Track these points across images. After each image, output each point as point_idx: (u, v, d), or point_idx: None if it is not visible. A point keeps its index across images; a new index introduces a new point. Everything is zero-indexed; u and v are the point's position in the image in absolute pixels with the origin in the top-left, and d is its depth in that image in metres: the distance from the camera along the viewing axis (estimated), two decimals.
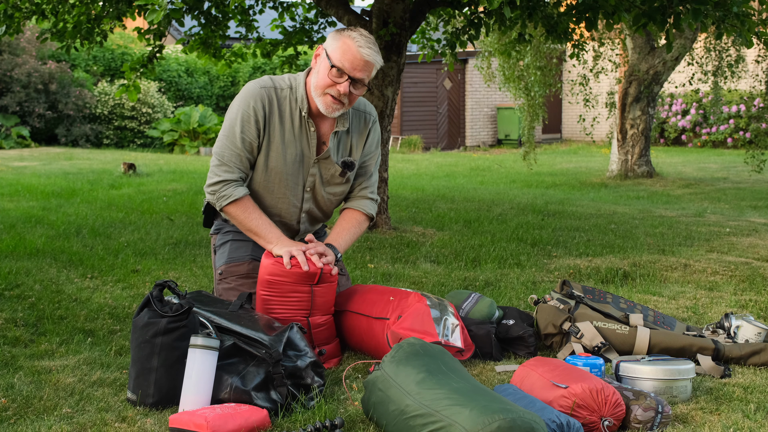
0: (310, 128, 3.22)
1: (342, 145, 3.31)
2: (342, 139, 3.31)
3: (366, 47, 3.07)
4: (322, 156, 3.26)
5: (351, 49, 3.07)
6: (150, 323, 2.74)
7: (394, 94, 6.28)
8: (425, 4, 6.27)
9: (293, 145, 3.22)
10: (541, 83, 11.30)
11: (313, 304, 3.12)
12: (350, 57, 3.07)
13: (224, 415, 2.46)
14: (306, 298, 3.10)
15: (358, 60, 3.07)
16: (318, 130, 3.26)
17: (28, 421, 2.58)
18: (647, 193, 10.62)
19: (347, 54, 3.07)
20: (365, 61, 3.08)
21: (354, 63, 3.08)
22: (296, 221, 3.35)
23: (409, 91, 19.67)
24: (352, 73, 3.09)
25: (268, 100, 3.19)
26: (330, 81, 3.10)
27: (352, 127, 3.33)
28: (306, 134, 3.23)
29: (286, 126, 3.21)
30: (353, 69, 3.08)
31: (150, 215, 7.25)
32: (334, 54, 3.09)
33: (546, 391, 2.60)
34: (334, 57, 3.09)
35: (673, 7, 5.13)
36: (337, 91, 3.10)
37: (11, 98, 16.60)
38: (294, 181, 3.26)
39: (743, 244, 5.85)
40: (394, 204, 8.09)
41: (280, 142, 3.21)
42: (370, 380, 2.59)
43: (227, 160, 3.18)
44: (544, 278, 4.76)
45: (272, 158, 3.22)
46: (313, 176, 3.28)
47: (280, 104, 3.21)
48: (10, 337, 3.49)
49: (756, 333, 3.36)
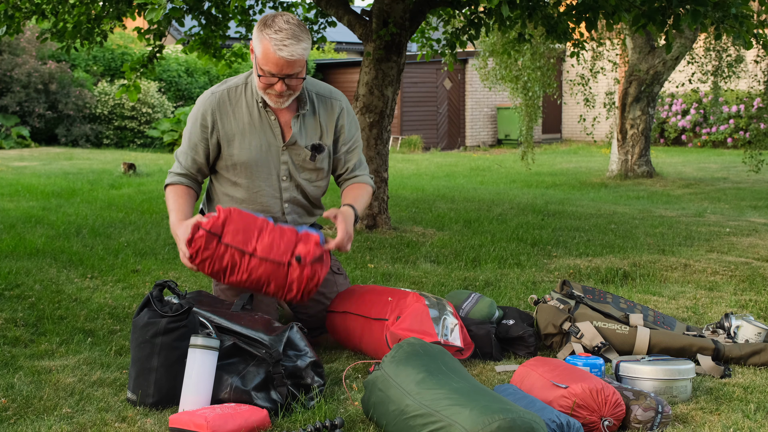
0: (270, 117, 3.25)
1: (308, 129, 3.31)
2: (308, 123, 3.30)
3: (284, 47, 3.01)
4: (289, 142, 3.28)
5: (270, 54, 3.03)
6: (150, 323, 2.74)
7: (394, 94, 6.27)
8: (425, 4, 6.27)
9: (256, 135, 3.25)
10: (540, 83, 11.29)
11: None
12: (273, 61, 3.04)
13: (224, 415, 2.46)
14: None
15: (281, 62, 3.04)
16: (279, 117, 3.27)
17: (28, 421, 2.58)
18: (647, 193, 10.61)
19: (269, 59, 3.04)
20: (288, 61, 3.04)
21: (278, 65, 3.05)
22: (280, 212, 3.35)
23: (409, 91, 19.67)
24: (281, 74, 3.07)
25: (217, 103, 3.24)
26: (264, 84, 3.12)
27: (318, 111, 3.32)
28: (267, 122, 3.26)
29: (244, 119, 3.25)
30: (280, 70, 3.06)
31: (150, 215, 7.25)
32: (260, 59, 3.07)
33: (546, 391, 2.60)
34: (259, 62, 3.08)
35: (673, 7, 5.13)
36: (274, 90, 3.12)
37: (11, 98, 16.59)
38: (266, 171, 3.29)
39: (743, 244, 5.85)
40: (394, 204, 8.09)
41: (240, 136, 3.25)
42: (370, 380, 2.59)
43: (178, 156, 3.33)
44: (544, 278, 4.76)
45: (236, 154, 3.26)
46: (286, 164, 3.30)
47: (233, 102, 3.25)
48: (10, 337, 3.49)
49: (756, 333, 3.36)
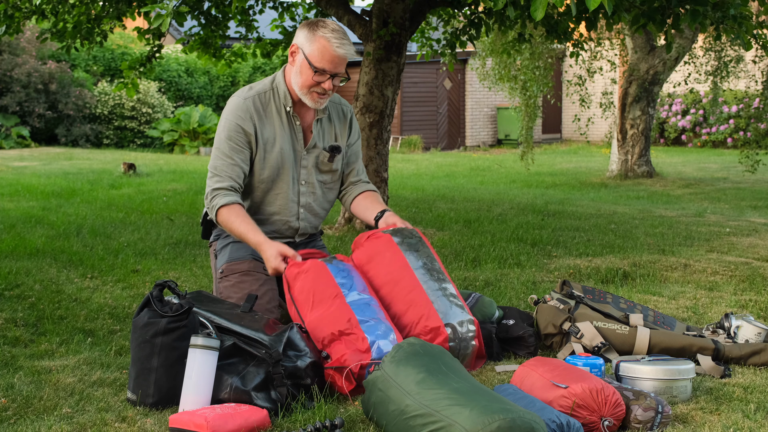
0: (295, 122, 3.41)
1: (325, 133, 3.49)
2: (324, 127, 3.49)
3: (341, 45, 3.23)
4: (309, 145, 3.43)
5: (329, 51, 3.22)
6: (150, 323, 2.74)
7: (394, 94, 6.27)
8: (425, 4, 6.27)
9: (283, 140, 3.39)
10: (539, 83, 11.29)
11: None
12: (329, 58, 3.23)
13: (224, 415, 2.46)
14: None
15: (337, 59, 3.24)
16: (302, 122, 3.44)
17: (28, 421, 2.58)
18: (647, 193, 10.61)
19: (326, 55, 3.23)
20: (343, 59, 3.26)
21: (333, 63, 3.24)
22: (296, 217, 3.47)
23: (409, 91, 19.66)
24: (334, 71, 3.26)
25: (254, 108, 3.35)
26: (314, 81, 3.27)
27: (332, 115, 3.52)
28: (293, 127, 3.41)
29: (275, 125, 3.38)
30: (334, 68, 3.26)
31: (150, 215, 7.25)
32: (313, 56, 3.24)
33: (546, 391, 2.60)
34: (313, 59, 3.24)
35: (672, 7, 5.13)
36: (322, 89, 3.29)
37: (11, 98, 16.59)
38: (288, 175, 3.41)
39: (743, 244, 5.84)
40: (394, 204, 8.08)
41: (272, 142, 3.37)
42: (370, 380, 2.59)
43: (219, 170, 3.33)
44: (544, 278, 4.76)
45: (268, 158, 3.37)
46: (306, 167, 3.44)
47: (265, 107, 3.38)
48: (10, 337, 3.49)
49: (756, 333, 3.36)
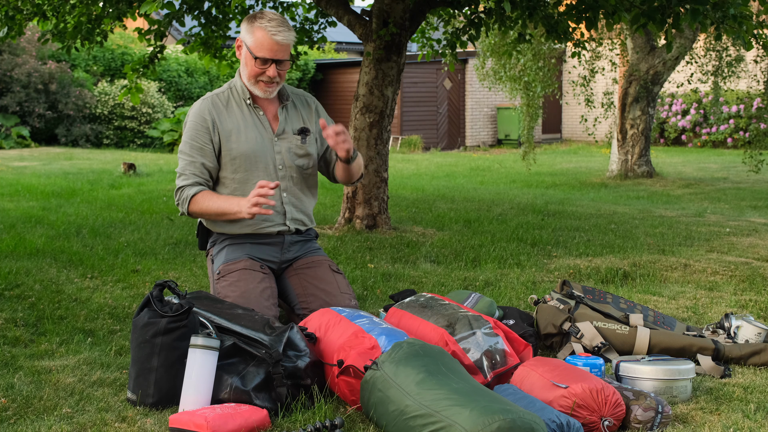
0: (258, 112, 3.55)
1: (292, 118, 3.61)
2: (290, 113, 3.62)
3: (278, 33, 3.37)
4: (278, 131, 3.56)
5: (267, 39, 3.38)
6: (150, 323, 2.74)
7: (394, 94, 6.27)
8: (425, 4, 6.27)
9: (248, 129, 3.51)
10: (541, 83, 11.28)
11: None
12: (268, 46, 3.38)
13: (224, 415, 2.46)
14: None
15: (276, 46, 3.39)
16: (266, 112, 3.57)
17: (28, 421, 2.58)
18: (647, 193, 10.61)
19: (265, 43, 3.38)
20: (282, 45, 3.40)
21: (273, 50, 3.39)
22: (279, 201, 3.54)
23: (409, 91, 19.66)
24: (275, 58, 3.41)
25: (212, 104, 3.52)
26: (258, 70, 3.43)
27: (297, 102, 3.65)
28: (256, 117, 3.54)
29: (237, 117, 3.52)
30: (274, 55, 3.40)
31: (150, 215, 7.25)
32: (254, 46, 3.40)
33: (546, 391, 2.60)
34: (254, 49, 3.40)
35: (672, 7, 5.13)
36: (267, 77, 3.44)
37: (11, 98, 16.59)
38: (263, 162, 3.50)
39: (743, 244, 5.84)
40: (394, 204, 8.08)
41: (236, 131, 3.49)
42: (369, 380, 2.59)
43: (183, 170, 3.49)
44: (544, 278, 4.76)
45: (234, 147, 3.48)
46: (280, 153, 3.54)
47: (223, 103, 3.54)
48: (10, 337, 3.49)
49: (756, 333, 3.36)
